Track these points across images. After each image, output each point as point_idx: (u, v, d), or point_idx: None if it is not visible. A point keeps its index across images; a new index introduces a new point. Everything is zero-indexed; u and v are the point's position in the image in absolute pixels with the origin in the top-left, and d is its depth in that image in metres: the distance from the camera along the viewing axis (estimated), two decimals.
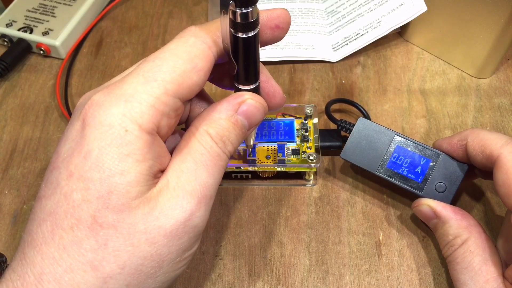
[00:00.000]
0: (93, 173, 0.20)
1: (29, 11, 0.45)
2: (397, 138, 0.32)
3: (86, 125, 0.20)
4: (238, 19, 0.21)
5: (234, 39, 0.22)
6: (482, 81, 0.41)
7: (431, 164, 0.31)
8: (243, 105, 0.24)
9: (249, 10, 0.21)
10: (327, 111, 0.36)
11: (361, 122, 0.33)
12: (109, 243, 0.20)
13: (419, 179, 0.31)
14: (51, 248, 0.20)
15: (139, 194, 0.20)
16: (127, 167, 0.20)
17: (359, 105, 0.37)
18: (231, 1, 0.21)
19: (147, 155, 0.21)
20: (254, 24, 0.22)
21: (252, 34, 0.22)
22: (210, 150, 0.23)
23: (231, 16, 0.21)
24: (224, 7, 0.21)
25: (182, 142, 0.23)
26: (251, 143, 0.31)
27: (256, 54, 0.24)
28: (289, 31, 0.44)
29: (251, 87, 0.25)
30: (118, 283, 0.20)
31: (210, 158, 0.22)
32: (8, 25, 0.43)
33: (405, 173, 0.31)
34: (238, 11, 0.21)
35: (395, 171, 0.31)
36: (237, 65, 0.24)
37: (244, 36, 0.22)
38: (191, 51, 0.22)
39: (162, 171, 0.22)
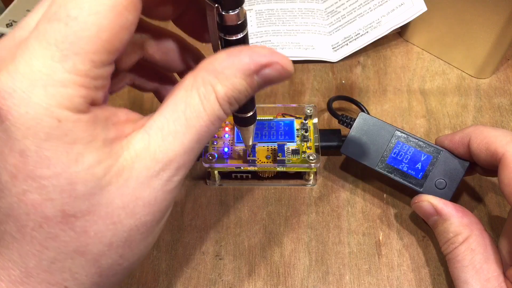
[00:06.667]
0: (43, 171, 0.17)
1: (29, 11, 0.44)
2: (398, 133, 0.32)
3: (5, 120, 0.17)
4: (226, 22, 0.21)
5: (225, 42, 0.22)
6: (482, 81, 0.41)
7: (431, 160, 0.31)
8: (269, 69, 0.20)
9: (236, 12, 0.21)
10: (329, 106, 0.36)
11: (361, 117, 0.33)
12: (89, 229, 0.18)
13: (419, 175, 0.31)
14: (26, 246, 0.18)
15: (107, 169, 0.18)
16: (80, 154, 0.18)
17: (360, 103, 0.37)
18: (216, 5, 0.20)
19: (95, 131, 0.18)
20: (243, 25, 0.22)
21: (242, 35, 0.22)
22: (210, 113, 0.19)
23: (217, 20, 0.21)
24: (210, 7, 0.21)
25: (178, 93, 0.20)
26: (250, 143, 0.31)
27: None
28: (289, 31, 0.44)
29: None
30: (111, 258, 0.19)
31: (207, 123, 0.19)
32: (8, 25, 0.43)
33: (405, 169, 0.31)
34: (225, 14, 0.21)
35: (395, 167, 0.31)
36: None
37: (234, 38, 0.22)
38: (116, 1, 0.17)
39: (128, 123, 0.19)
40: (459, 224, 0.28)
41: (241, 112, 0.27)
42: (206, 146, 0.34)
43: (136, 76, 0.27)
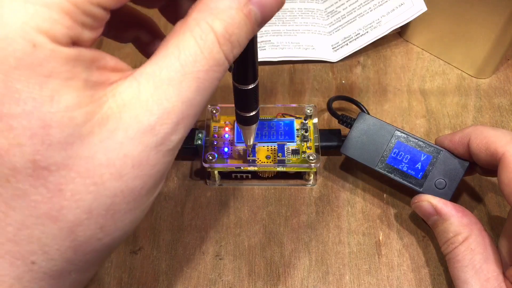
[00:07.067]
0: (11, 107, 0.14)
1: None
2: (398, 133, 0.32)
3: None
4: None
5: None
6: (482, 81, 0.41)
7: (431, 160, 0.31)
8: None
9: None
10: (329, 106, 0.36)
11: (361, 117, 0.33)
12: (65, 187, 0.15)
13: (419, 175, 0.31)
14: None
15: (88, 115, 0.15)
16: (56, 90, 0.15)
17: (360, 103, 0.37)
18: None
19: (75, 68, 0.15)
20: None
21: None
22: (209, 56, 0.17)
23: None
24: None
25: (172, 37, 0.17)
26: (251, 143, 0.31)
27: (254, 54, 0.23)
28: (289, 31, 0.44)
29: (250, 87, 0.25)
30: (89, 229, 0.16)
31: (206, 68, 0.17)
32: None
33: (405, 169, 0.31)
34: None
35: (395, 166, 0.31)
36: (235, 65, 0.24)
37: None
38: None
39: (115, 71, 0.17)
40: (458, 224, 0.28)
41: (245, 110, 0.27)
42: (206, 146, 0.34)
43: (112, 23, 0.25)
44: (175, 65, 0.16)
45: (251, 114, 0.28)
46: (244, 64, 0.24)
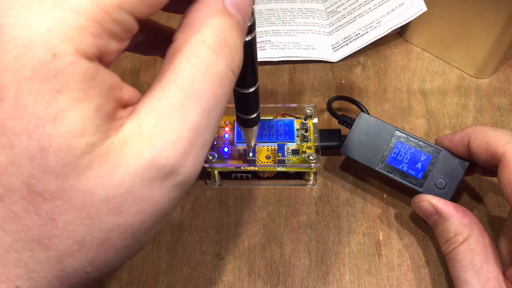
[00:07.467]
0: (15, 122, 0.13)
1: None
2: (398, 133, 0.32)
3: None
4: None
5: None
6: (482, 81, 0.41)
7: (431, 160, 0.31)
8: None
9: None
10: (329, 106, 0.36)
11: (361, 117, 0.33)
12: (58, 217, 0.14)
13: (419, 175, 0.31)
14: None
15: (89, 148, 0.14)
16: (62, 110, 0.14)
17: (360, 103, 0.37)
18: None
19: (90, 90, 0.14)
20: (251, 28, 0.22)
21: (250, 38, 0.22)
22: (207, 71, 0.16)
23: None
24: None
25: (164, 65, 0.16)
26: (253, 143, 0.31)
27: (254, 58, 0.23)
28: (289, 31, 0.44)
29: (250, 90, 0.25)
30: (78, 261, 0.15)
31: (207, 85, 0.16)
32: None
33: (405, 169, 0.31)
34: None
35: (395, 166, 0.31)
36: None
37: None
38: None
39: (126, 107, 0.16)
40: (459, 224, 0.28)
41: (246, 113, 0.27)
42: None
43: (140, 35, 0.22)
44: (173, 91, 0.15)
45: (252, 116, 0.27)
46: (244, 68, 0.24)
